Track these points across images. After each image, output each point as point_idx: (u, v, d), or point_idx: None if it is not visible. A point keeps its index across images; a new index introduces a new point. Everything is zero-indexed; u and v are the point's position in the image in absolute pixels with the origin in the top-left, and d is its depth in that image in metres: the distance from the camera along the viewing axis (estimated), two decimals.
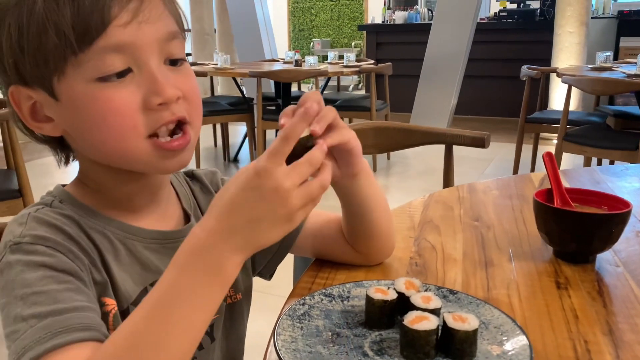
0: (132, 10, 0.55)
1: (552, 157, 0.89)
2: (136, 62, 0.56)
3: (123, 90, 0.55)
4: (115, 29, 0.54)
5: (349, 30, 10.06)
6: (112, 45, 0.54)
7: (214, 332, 0.71)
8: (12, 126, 2.13)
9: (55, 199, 0.62)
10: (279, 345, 0.55)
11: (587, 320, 0.64)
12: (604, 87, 3.04)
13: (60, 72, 0.54)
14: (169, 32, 0.58)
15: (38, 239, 0.55)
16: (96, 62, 0.54)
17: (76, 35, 0.52)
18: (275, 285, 0.92)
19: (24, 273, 0.52)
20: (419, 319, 0.55)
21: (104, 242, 0.61)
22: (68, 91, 0.55)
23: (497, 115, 6.17)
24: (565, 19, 5.05)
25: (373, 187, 0.71)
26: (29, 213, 0.58)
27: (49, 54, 0.53)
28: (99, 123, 0.55)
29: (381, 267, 0.77)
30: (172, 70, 0.59)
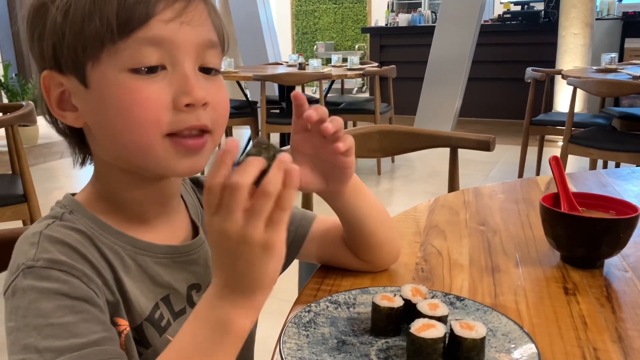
0: (177, 10, 0.55)
1: (558, 161, 0.88)
2: (171, 60, 0.56)
3: (154, 85, 0.55)
4: (157, 23, 0.54)
5: (352, 33, 10.06)
6: (151, 38, 0.54)
7: None
8: (17, 131, 2.14)
9: (65, 210, 0.60)
10: (284, 353, 0.55)
11: (596, 327, 0.63)
12: (609, 88, 3.03)
13: (95, 59, 0.55)
14: (209, 40, 0.58)
15: (52, 262, 0.53)
16: (132, 52, 0.54)
17: (118, 23, 0.53)
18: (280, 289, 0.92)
19: (39, 302, 0.51)
20: (425, 327, 0.55)
21: (116, 259, 0.60)
22: (99, 78, 0.55)
23: (502, 117, 6.16)
24: (570, 20, 5.04)
25: (366, 199, 0.72)
26: (41, 231, 0.56)
27: (89, 39, 0.54)
28: (124, 112, 0.55)
29: (387, 273, 0.76)
30: (204, 77, 0.59)
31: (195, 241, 0.67)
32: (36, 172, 4.29)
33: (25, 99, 5.40)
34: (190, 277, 0.65)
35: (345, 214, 0.71)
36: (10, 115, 2.11)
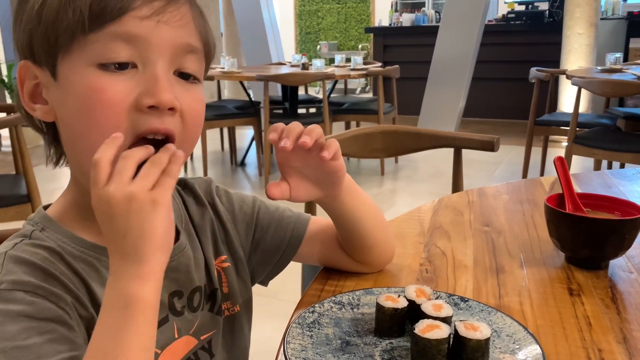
0: (155, 8, 0.54)
1: (563, 161, 0.88)
2: (142, 59, 0.54)
3: (119, 84, 0.53)
4: (132, 19, 0.53)
5: (355, 32, 10.06)
6: (123, 34, 0.52)
7: (212, 347, 0.69)
8: (20, 131, 2.15)
9: (35, 228, 0.59)
10: (289, 354, 0.55)
11: (601, 328, 0.63)
12: (614, 89, 3.02)
13: (66, 50, 0.53)
14: (187, 44, 0.56)
15: (16, 284, 0.52)
16: (102, 46, 0.52)
17: (90, 15, 0.52)
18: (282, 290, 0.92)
19: (4, 325, 0.50)
20: (430, 328, 0.55)
21: (90, 271, 0.58)
22: (67, 71, 0.54)
23: (506, 117, 6.15)
24: (574, 20, 5.02)
25: (360, 201, 0.72)
26: (6, 252, 0.55)
27: (61, 29, 0.53)
28: (85, 113, 0.53)
29: (391, 274, 0.76)
30: (180, 83, 0.57)
31: (176, 247, 0.65)
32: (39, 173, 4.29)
33: None
34: (171, 285, 0.64)
35: (342, 215, 0.71)
36: (14, 116, 2.12)
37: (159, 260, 0.49)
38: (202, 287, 0.68)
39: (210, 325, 0.68)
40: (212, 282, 0.69)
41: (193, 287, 0.67)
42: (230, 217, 0.74)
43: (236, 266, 0.73)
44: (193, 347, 0.66)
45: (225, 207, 0.74)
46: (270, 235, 0.75)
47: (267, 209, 0.76)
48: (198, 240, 0.70)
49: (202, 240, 0.70)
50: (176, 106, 0.54)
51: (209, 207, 0.73)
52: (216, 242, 0.72)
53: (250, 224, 0.75)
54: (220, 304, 0.70)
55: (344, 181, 0.67)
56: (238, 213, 0.74)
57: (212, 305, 0.69)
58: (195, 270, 0.67)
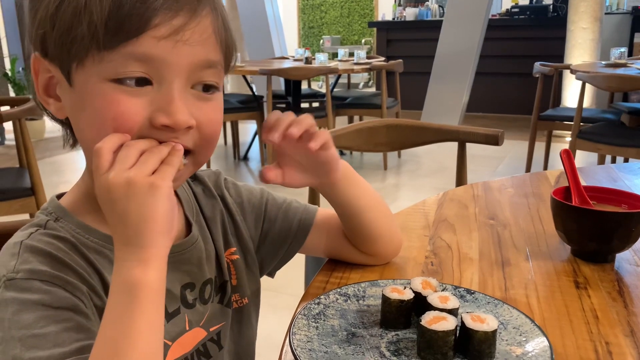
0: (174, 27, 0.52)
1: (569, 154, 0.87)
2: (158, 78, 0.53)
3: (134, 99, 0.52)
4: (149, 39, 0.51)
5: (359, 27, 10.02)
6: (139, 54, 0.51)
7: (221, 339, 0.69)
8: (24, 124, 2.14)
9: (50, 218, 0.59)
10: (294, 344, 0.55)
11: (608, 321, 0.62)
12: (618, 83, 3.00)
13: (80, 61, 0.52)
14: (207, 60, 0.55)
15: (32, 273, 0.52)
16: (117, 64, 0.51)
17: (106, 32, 0.50)
18: (286, 284, 0.92)
19: (21, 313, 0.50)
20: (436, 319, 0.54)
21: (104, 262, 0.58)
22: (82, 81, 0.53)
23: (510, 112, 6.13)
24: (579, 14, 4.99)
25: (360, 189, 0.71)
26: (22, 241, 0.55)
27: (75, 40, 0.51)
28: (98, 123, 0.53)
29: (396, 267, 0.76)
30: (197, 96, 0.56)
31: (188, 239, 0.65)
32: (43, 166, 4.30)
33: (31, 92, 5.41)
34: (184, 277, 0.64)
35: (341, 204, 0.71)
36: (18, 109, 2.12)
37: (161, 244, 0.49)
38: (213, 279, 0.68)
39: (219, 317, 0.69)
40: (222, 274, 0.70)
41: (205, 280, 0.67)
42: (239, 209, 0.74)
43: (245, 258, 0.73)
44: (202, 338, 0.66)
45: (234, 199, 0.74)
46: (278, 227, 0.75)
47: (274, 201, 0.76)
48: (209, 232, 0.70)
49: (213, 232, 0.70)
50: (192, 124, 0.54)
51: (218, 199, 0.73)
52: (226, 233, 0.72)
53: (259, 216, 0.75)
54: (230, 296, 0.70)
55: (340, 169, 0.67)
56: (247, 205, 0.75)
57: (222, 297, 0.70)
58: (206, 263, 0.67)
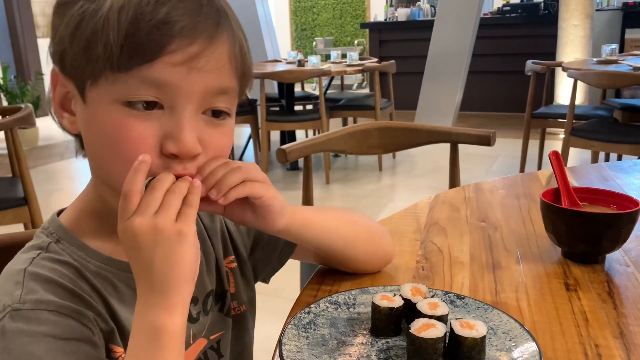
0: (189, 54, 0.51)
1: (558, 156, 0.87)
2: (170, 103, 0.52)
3: (145, 124, 0.52)
4: (163, 65, 0.51)
5: (351, 28, 10.03)
6: (153, 79, 0.51)
7: (221, 348, 0.70)
8: (16, 134, 2.14)
9: (51, 240, 0.58)
10: (284, 355, 0.55)
11: (598, 323, 0.63)
12: (610, 80, 3.02)
13: (94, 80, 0.53)
14: (220, 87, 0.55)
15: (39, 303, 0.52)
16: (129, 87, 0.51)
17: (121, 55, 0.50)
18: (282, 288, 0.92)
19: (30, 345, 0.50)
20: (426, 327, 0.54)
21: (107, 286, 0.58)
22: (95, 100, 0.53)
23: (503, 110, 6.14)
24: (570, 12, 5.01)
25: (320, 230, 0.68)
26: (25, 269, 0.54)
27: (91, 59, 0.51)
28: (108, 145, 0.53)
29: (387, 272, 0.76)
30: (207, 122, 0.55)
31: None
32: (37, 174, 4.29)
33: (24, 101, 5.39)
34: None
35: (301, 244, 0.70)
36: (10, 118, 2.11)
37: (186, 290, 0.50)
38: (214, 290, 0.69)
39: (219, 325, 0.69)
40: (222, 283, 0.70)
41: (207, 292, 0.68)
42: None
43: (240, 266, 0.74)
44: (203, 347, 0.67)
45: None
46: (268, 234, 0.74)
47: None
48: (210, 241, 0.70)
49: (214, 241, 0.71)
50: (198, 152, 0.54)
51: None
52: (225, 242, 0.72)
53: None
54: (229, 305, 0.71)
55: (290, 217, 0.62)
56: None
57: (222, 306, 0.70)
58: (207, 274, 0.68)
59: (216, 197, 0.55)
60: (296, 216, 0.64)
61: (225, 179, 0.55)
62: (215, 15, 0.53)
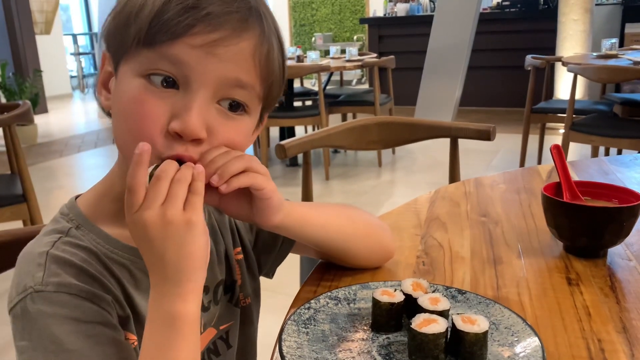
0: (209, 39, 0.53)
1: (560, 149, 0.87)
2: (185, 84, 0.54)
3: (158, 101, 0.54)
4: (183, 45, 0.53)
5: (350, 23, 10.00)
6: (171, 56, 0.53)
7: (229, 338, 0.71)
8: (14, 130, 2.13)
9: (71, 225, 0.60)
10: (284, 351, 0.54)
11: (600, 317, 0.62)
12: (610, 75, 3.01)
13: (126, 56, 0.56)
14: (237, 79, 0.55)
15: (61, 286, 0.53)
16: (150, 62, 0.54)
17: (148, 31, 0.53)
18: (283, 284, 0.92)
19: (52, 327, 0.52)
20: (427, 322, 0.54)
21: (124, 272, 0.60)
22: (122, 75, 0.57)
23: (503, 106, 6.13)
24: (569, 6, 5.00)
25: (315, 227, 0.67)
26: (48, 251, 0.56)
27: (127, 35, 0.55)
28: (125, 117, 0.56)
29: (388, 267, 0.76)
30: (221, 112, 0.56)
31: None
32: (35, 172, 4.28)
33: (22, 98, 5.38)
34: None
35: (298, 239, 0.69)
36: (7, 115, 2.10)
37: (199, 277, 0.52)
38: (224, 279, 0.70)
39: (228, 315, 0.71)
40: (231, 273, 0.72)
41: (217, 281, 0.69)
42: None
43: (246, 258, 0.75)
44: (213, 336, 0.69)
45: None
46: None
47: None
48: (220, 233, 0.71)
49: (224, 232, 0.72)
50: (202, 137, 0.54)
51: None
52: (233, 234, 0.73)
53: None
54: (237, 296, 0.72)
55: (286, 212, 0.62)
56: None
57: (231, 296, 0.72)
58: (217, 264, 0.69)
59: (217, 183, 0.54)
60: (292, 212, 0.63)
61: (228, 167, 0.55)
62: (245, 11, 0.55)
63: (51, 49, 8.05)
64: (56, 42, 8.44)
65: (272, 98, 0.61)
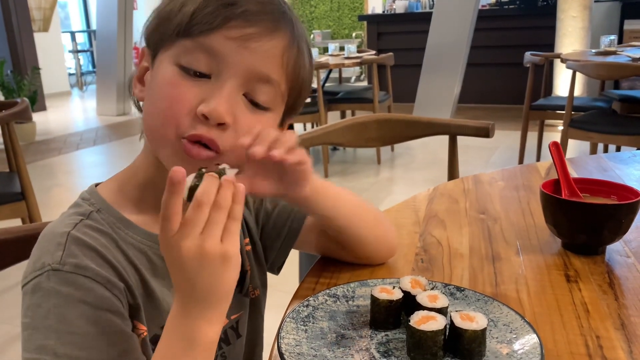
0: (244, 33, 0.57)
1: (558, 146, 0.87)
2: (217, 72, 0.57)
3: (191, 88, 0.57)
4: (219, 36, 0.56)
5: (349, 20, 9.99)
6: (206, 47, 0.57)
7: (239, 328, 0.72)
8: (12, 128, 2.12)
9: (92, 209, 0.61)
10: (282, 349, 0.54)
11: (599, 314, 0.62)
12: (609, 71, 3.01)
13: (165, 47, 0.59)
14: (265, 74, 0.58)
15: (78, 268, 0.54)
16: (186, 50, 0.57)
17: (189, 22, 0.57)
18: (283, 281, 0.92)
19: (62, 307, 0.52)
20: (425, 319, 0.54)
21: (142, 258, 0.61)
22: (159, 63, 0.60)
23: (502, 102, 6.13)
24: (568, 3, 4.99)
25: (337, 201, 0.69)
26: (69, 232, 0.57)
27: (168, 28, 0.58)
28: (155, 101, 0.59)
29: (386, 265, 0.76)
30: (247, 105, 0.59)
31: None
32: (34, 169, 4.27)
33: (21, 95, 5.37)
34: None
35: (317, 217, 0.71)
36: (6, 113, 2.10)
37: (224, 306, 0.52)
38: None
39: (238, 305, 0.72)
40: (243, 263, 0.71)
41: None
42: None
43: (254, 250, 0.76)
44: (224, 325, 0.69)
45: None
46: (272, 220, 0.77)
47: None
48: None
49: None
50: (227, 122, 0.56)
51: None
52: (243, 224, 0.74)
53: (258, 210, 0.77)
54: (247, 286, 0.73)
55: (311, 185, 0.64)
56: (249, 198, 0.77)
57: (241, 286, 0.73)
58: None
59: (279, 155, 0.56)
60: (318, 183, 0.67)
61: (281, 140, 0.57)
62: (279, 14, 0.60)
63: (49, 47, 8.04)
64: (54, 39, 8.42)
65: (296, 104, 0.64)
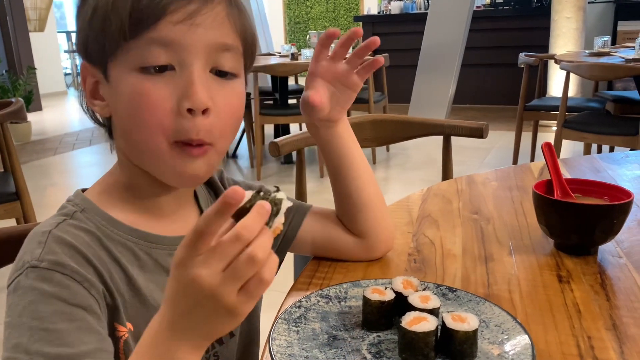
0: (189, 12, 0.56)
1: (551, 147, 0.87)
2: (179, 61, 0.56)
3: (161, 88, 0.56)
4: (166, 24, 0.55)
5: (345, 21, 9.99)
6: (159, 39, 0.55)
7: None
8: (7, 128, 2.11)
9: (77, 209, 0.61)
10: (274, 350, 0.54)
11: (590, 315, 0.62)
12: (602, 72, 3.01)
13: (113, 56, 0.57)
14: (222, 43, 0.58)
15: (56, 265, 0.54)
16: (142, 51, 0.56)
17: (130, 24, 0.55)
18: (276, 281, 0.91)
19: (37, 304, 0.51)
20: (417, 320, 0.54)
21: (127, 254, 0.60)
22: (115, 75, 0.58)
23: (496, 103, 6.14)
24: (562, 4, 5.01)
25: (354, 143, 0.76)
26: (50, 231, 0.57)
27: (108, 37, 0.56)
28: (131, 113, 0.57)
29: (379, 264, 0.76)
30: (216, 81, 0.59)
31: None
32: (29, 169, 4.26)
33: (16, 95, 5.35)
34: None
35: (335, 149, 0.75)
36: (0, 113, 2.09)
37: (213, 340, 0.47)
38: None
39: None
40: None
41: None
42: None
43: None
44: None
45: None
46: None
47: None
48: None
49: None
50: (209, 106, 0.57)
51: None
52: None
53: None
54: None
55: (344, 123, 0.74)
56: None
57: None
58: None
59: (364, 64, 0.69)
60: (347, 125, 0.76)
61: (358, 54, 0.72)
62: None
63: (45, 47, 8.01)
64: (50, 39, 8.38)
65: (251, 63, 0.65)
